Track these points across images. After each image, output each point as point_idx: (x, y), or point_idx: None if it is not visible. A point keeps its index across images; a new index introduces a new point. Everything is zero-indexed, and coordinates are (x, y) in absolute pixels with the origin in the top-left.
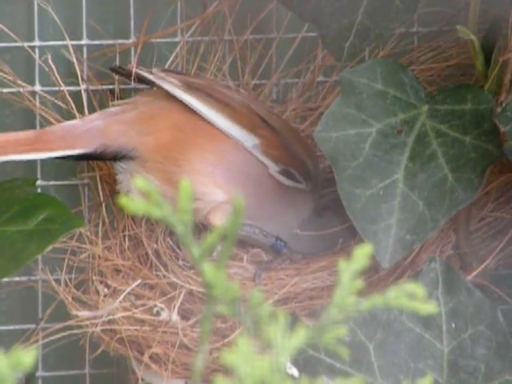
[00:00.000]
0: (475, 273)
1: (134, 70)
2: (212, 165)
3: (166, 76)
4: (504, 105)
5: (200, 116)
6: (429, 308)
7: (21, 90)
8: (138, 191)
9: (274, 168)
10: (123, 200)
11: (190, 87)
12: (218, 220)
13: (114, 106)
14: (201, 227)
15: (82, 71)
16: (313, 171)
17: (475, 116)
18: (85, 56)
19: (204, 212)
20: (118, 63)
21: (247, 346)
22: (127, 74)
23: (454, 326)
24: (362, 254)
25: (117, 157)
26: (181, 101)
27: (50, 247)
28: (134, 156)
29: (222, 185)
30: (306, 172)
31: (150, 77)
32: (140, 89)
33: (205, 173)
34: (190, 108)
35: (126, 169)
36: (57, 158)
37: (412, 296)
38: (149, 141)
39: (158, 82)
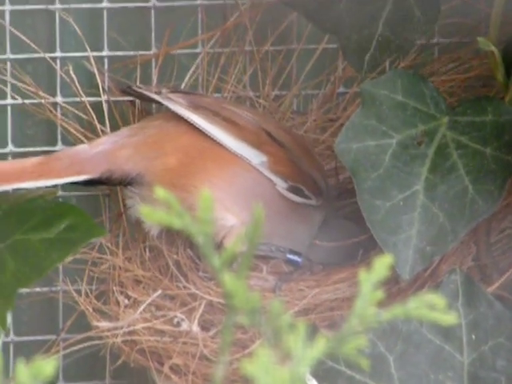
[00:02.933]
0: (496, 285)
1: (140, 89)
2: (220, 190)
3: (173, 96)
4: None
5: (207, 137)
6: (449, 319)
7: (42, 101)
8: (148, 216)
9: (282, 185)
10: (145, 210)
11: (196, 106)
12: (232, 241)
13: (123, 128)
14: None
15: (103, 82)
16: (323, 186)
17: (496, 128)
18: (106, 67)
19: (218, 238)
20: (138, 74)
21: (267, 356)
22: (137, 95)
23: (474, 337)
24: (382, 264)
25: (124, 182)
26: (188, 122)
27: (71, 258)
28: (142, 181)
29: (231, 208)
30: (316, 188)
31: (157, 97)
32: (160, 104)
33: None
34: (197, 129)
35: (135, 193)
36: (64, 184)
37: (432, 307)
38: (155, 166)
39: (164, 102)
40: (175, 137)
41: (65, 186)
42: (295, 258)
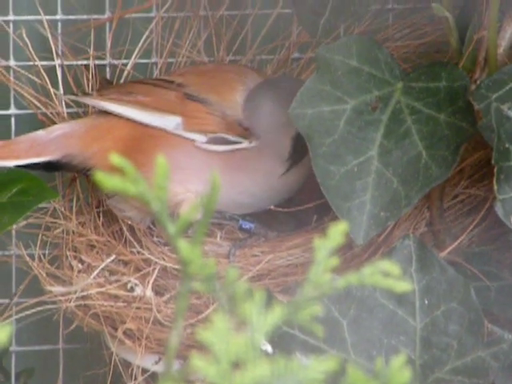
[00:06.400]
0: (448, 250)
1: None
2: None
3: (96, 94)
4: (478, 82)
5: (132, 122)
6: (403, 286)
7: None
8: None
9: (201, 140)
10: (99, 176)
11: (103, 94)
12: (186, 210)
13: (71, 121)
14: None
15: (56, 46)
16: (255, 127)
17: (450, 93)
18: (59, 31)
19: (170, 209)
20: (92, 38)
21: (223, 322)
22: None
23: (427, 302)
24: (337, 231)
25: (84, 170)
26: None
27: (24, 222)
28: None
29: (175, 185)
30: (243, 129)
31: (84, 100)
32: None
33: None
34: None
35: None
36: (25, 166)
37: (387, 274)
38: (102, 157)
39: (85, 101)
40: (108, 128)
41: None
42: (248, 225)
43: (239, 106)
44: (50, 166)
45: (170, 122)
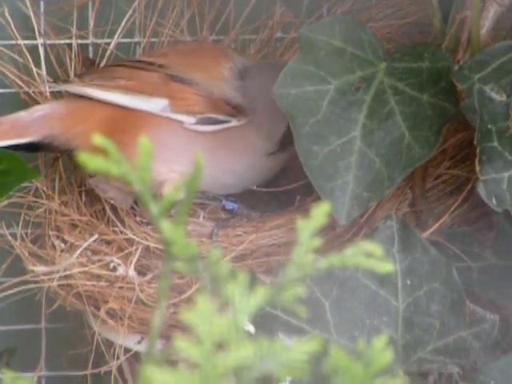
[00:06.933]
0: (431, 230)
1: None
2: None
3: (78, 80)
4: (461, 63)
5: (113, 105)
6: (385, 267)
7: None
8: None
9: (189, 121)
10: (81, 157)
11: (85, 80)
12: (169, 190)
13: (52, 102)
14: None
15: (38, 25)
16: (243, 103)
17: (432, 74)
18: (42, 10)
19: (153, 189)
20: (75, 17)
21: (206, 304)
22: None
23: (409, 283)
24: (319, 212)
25: (67, 151)
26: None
27: (6, 202)
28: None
29: (159, 164)
30: (231, 107)
31: (63, 88)
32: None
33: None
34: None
35: None
36: (7, 147)
37: (369, 254)
38: (84, 136)
39: (68, 89)
40: (90, 109)
41: None
42: (231, 205)
43: (228, 84)
44: (31, 147)
45: (156, 104)
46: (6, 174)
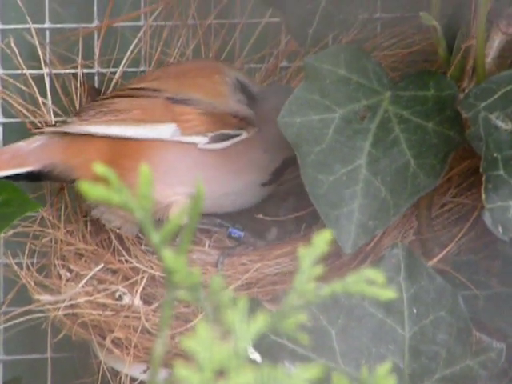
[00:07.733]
0: (437, 258)
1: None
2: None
3: (76, 119)
4: (466, 91)
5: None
6: (388, 294)
7: None
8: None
9: (203, 141)
10: (83, 186)
11: (84, 118)
12: (176, 212)
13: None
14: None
15: (44, 55)
16: (249, 115)
17: (438, 102)
18: (47, 39)
19: (160, 212)
20: (80, 47)
21: (206, 331)
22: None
23: (415, 311)
24: (321, 239)
25: (67, 179)
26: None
27: (12, 231)
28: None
29: (164, 187)
30: (240, 120)
31: (62, 129)
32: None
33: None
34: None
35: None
36: (8, 177)
37: (371, 282)
38: (85, 165)
39: (68, 130)
40: (90, 138)
41: None
42: (237, 233)
43: (229, 98)
44: (32, 177)
45: (164, 131)
46: (6, 204)
